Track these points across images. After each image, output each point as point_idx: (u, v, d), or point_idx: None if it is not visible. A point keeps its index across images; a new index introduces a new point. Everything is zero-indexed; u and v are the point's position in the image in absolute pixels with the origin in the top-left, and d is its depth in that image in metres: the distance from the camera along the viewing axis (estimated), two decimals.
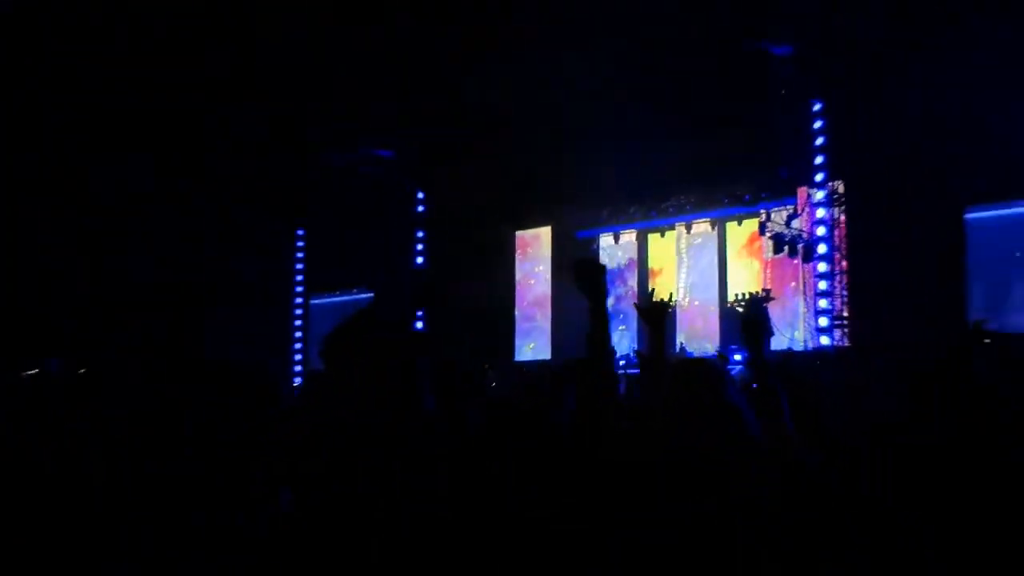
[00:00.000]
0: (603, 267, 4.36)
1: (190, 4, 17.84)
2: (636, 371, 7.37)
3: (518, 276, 25.66)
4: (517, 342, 25.39)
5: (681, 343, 22.34)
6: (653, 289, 4.87)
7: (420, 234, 25.22)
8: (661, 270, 24.01)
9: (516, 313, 25.53)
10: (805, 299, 20.83)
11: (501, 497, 3.19)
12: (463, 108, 21.09)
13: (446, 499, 3.21)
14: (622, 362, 22.57)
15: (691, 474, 3.20)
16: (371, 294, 25.67)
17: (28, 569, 3.47)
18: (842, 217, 20.17)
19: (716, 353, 18.46)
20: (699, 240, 23.45)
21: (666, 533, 3.10)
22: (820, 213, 20.12)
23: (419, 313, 22.67)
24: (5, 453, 4.39)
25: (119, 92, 19.46)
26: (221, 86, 20.02)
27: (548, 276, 25.15)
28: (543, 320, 25.14)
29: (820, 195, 20.14)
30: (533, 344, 25.09)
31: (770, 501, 3.16)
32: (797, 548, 3.16)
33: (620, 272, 24.49)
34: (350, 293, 25.79)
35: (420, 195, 25.22)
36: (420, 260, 25.14)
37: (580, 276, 4.30)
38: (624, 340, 23.49)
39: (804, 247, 20.44)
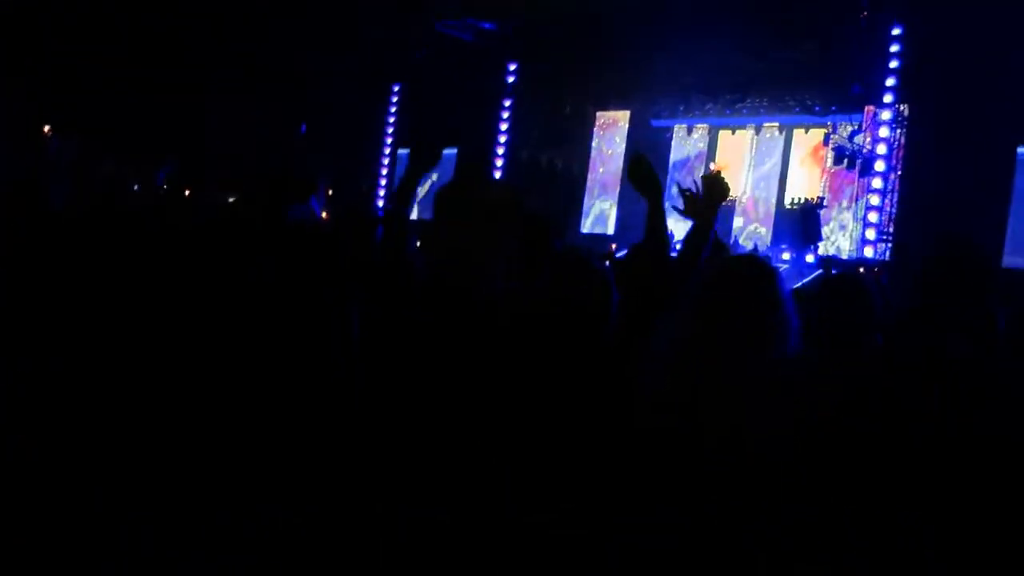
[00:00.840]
0: (649, 163, 4.50)
1: None
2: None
3: (593, 153, 27.09)
4: (584, 216, 27.08)
5: (736, 237, 23.79)
6: (719, 172, 4.28)
7: (507, 103, 26.81)
8: (727, 166, 24.73)
9: (587, 187, 27.10)
10: (856, 212, 22.26)
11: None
12: None
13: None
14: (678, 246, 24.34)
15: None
16: (455, 150, 27.56)
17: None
18: (903, 138, 21.41)
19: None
20: (766, 142, 24.71)
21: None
22: (883, 132, 21.47)
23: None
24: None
25: None
26: None
27: (622, 157, 26.52)
28: (612, 196, 26.76)
29: (886, 115, 21.45)
30: (600, 208, 26.68)
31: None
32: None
33: (688, 163, 25.65)
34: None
35: (512, 67, 26.74)
36: (505, 127, 26.86)
37: (632, 173, 4.56)
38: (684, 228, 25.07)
39: (862, 162, 21.79)
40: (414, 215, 4.75)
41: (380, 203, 28.46)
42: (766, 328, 3.03)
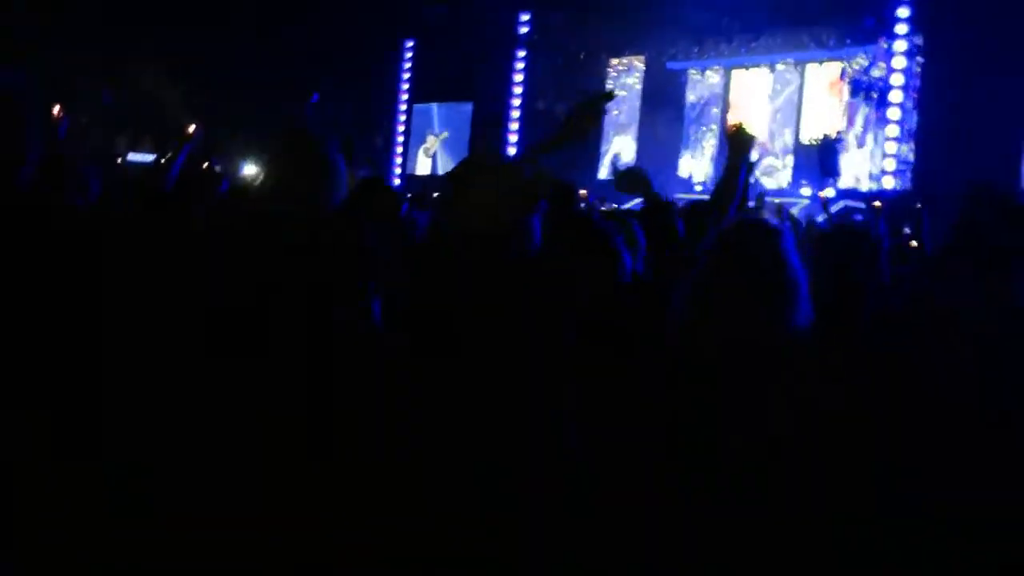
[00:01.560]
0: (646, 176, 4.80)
1: None
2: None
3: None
4: (600, 162, 27.39)
5: (756, 178, 24.14)
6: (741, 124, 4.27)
7: (521, 54, 27.22)
8: (743, 105, 25.60)
9: (603, 134, 27.36)
10: (875, 144, 22.62)
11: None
12: None
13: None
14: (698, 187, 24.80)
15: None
16: (470, 104, 27.97)
17: None
18: (919, 69, 21.74)
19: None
20: (781, 79, 25.05)
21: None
22: (898, 63, 21.80)
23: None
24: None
25: None
26: None
27: (639, 97, 27.10)
28: (628, 143, 27.28)
29: (901, 46, 21.74)
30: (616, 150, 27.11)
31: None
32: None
33: (704, 105, 26.25)
34: (450, 103, 28.30)
35: (524, 18, 27.16)
36: (519, 79, 27.26)
37: (620, 186, 4.78)
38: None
39: (879, 94, 22.13)
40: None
41: (398, 163, 29.03)
42: (770, 298, 2.81)
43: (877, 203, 12.70)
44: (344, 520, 2.72)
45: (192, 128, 6.08)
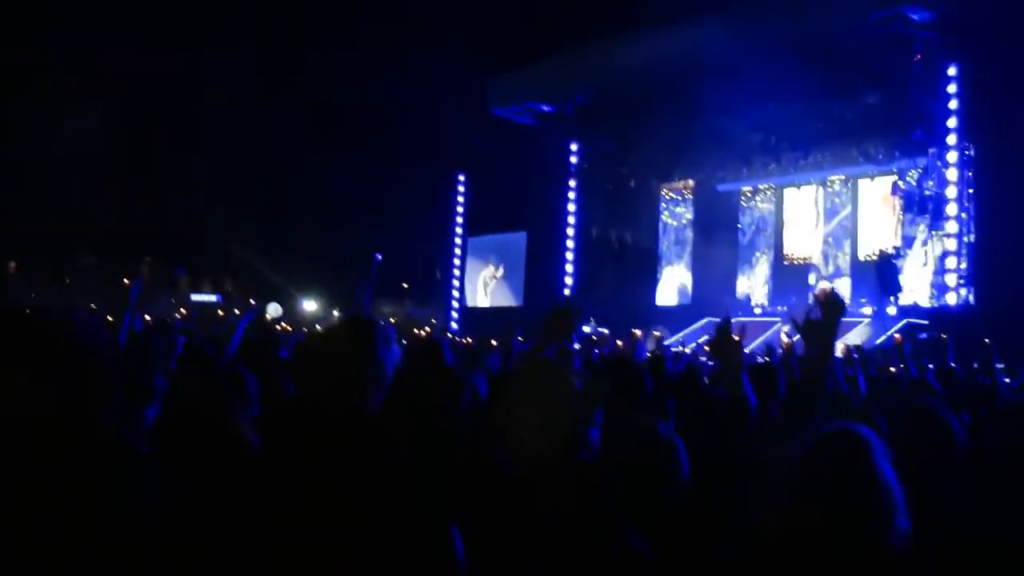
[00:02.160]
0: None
1: None
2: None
3: (661, 224, 27.93)
4: (658, 287, 27.74)
5: (814, 296, 23.78)
6: (834, 288, 3.93)
7: (573, 183, 27.72)
8: (796, 224, 25.77)
9: (659, 258, 27.84)
10: (933, 257, 22.27)
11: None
12: (619, 69, 23.57)
13: None
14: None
15: None
16: (524, 234, 28.35)
17: None
18: (972, 179, 21.46)
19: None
20: (832, 196, 25.04)
21: None
22: (951, 174, 21.47)
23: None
24: None
25: None
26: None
27: (690, 228, 27.42)
28: (681, 269, 27.48)
29: (952, 156, 21.47)
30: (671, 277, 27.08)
31: None
32: None
33: (757, 224, 26.40)
34: (506, 232, 28.84)
35: (574, 147, 27.73)
36: (572, 207, 27.68)
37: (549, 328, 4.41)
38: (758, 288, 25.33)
39: (933, 207, 21.89)
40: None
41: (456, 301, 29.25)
42: (863, 517, 2.63)
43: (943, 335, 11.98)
44: None
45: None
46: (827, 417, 2.98)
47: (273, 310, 20.15)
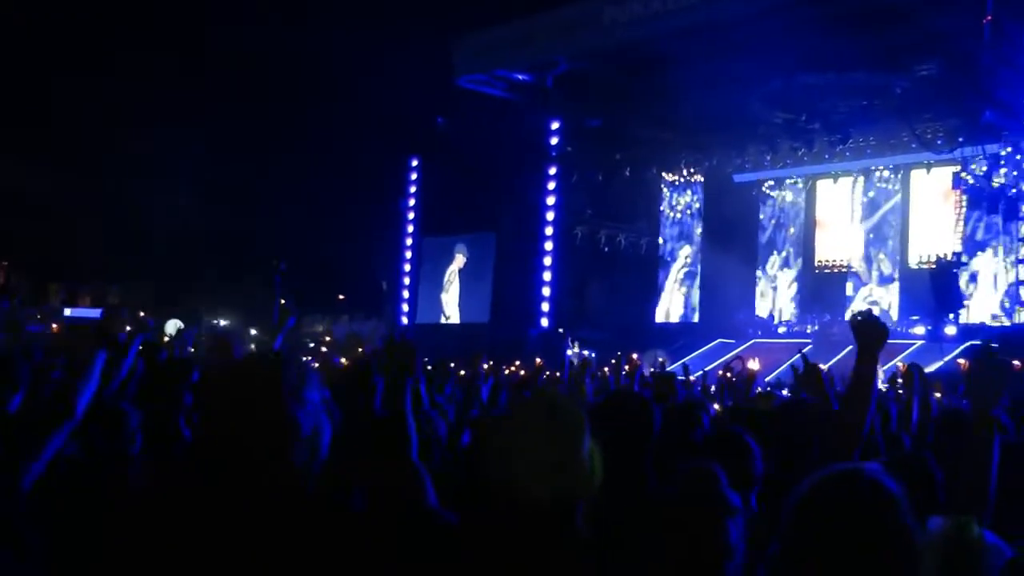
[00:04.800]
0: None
1: None
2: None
3: (664, 225, 26.43)
4: (659, 301, 26.19)
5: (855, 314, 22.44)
6: (870, 308, 4.05)
7: (552, 171, 25.42)
8: (830, 222, 24.27)
9: (660, 267, 26.28)
10: (1005, 266, 20.80)
11: None
12: (611, 29, 21.62)
13: None
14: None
15: None
16: (493, 234, 26.39)
17: None
18: None
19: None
20: (878, 189, 23.59)
21: None
22: None
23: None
24: None
25: None
26: None
27: (698, 229, 25.86)
28: (688, 277, 25.92)
29: None
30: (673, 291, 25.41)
31: None
32: None
33: (782, 225, 24.99)
34: (469, 233, 26.65)
35: (555, 126, 25.32)
36: (552, 201, 25.38)
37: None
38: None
39: (1006, 204, 20.42)
40: None
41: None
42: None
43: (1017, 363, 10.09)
44: None
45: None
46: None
47: (172, 328, 18.58)
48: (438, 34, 23.64)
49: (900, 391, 11.91)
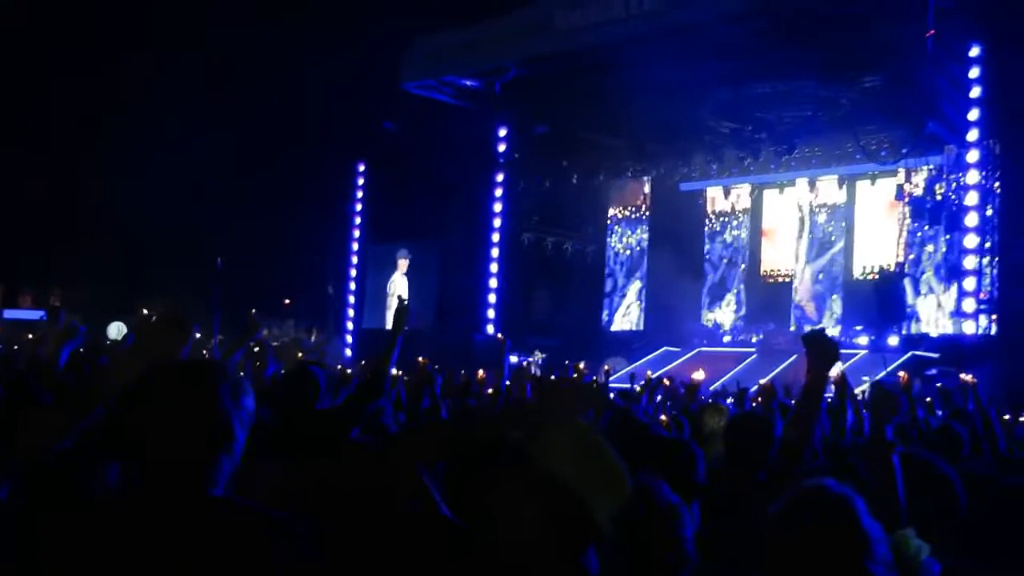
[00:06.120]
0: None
1: None
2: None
3: (611, 232, 26.58)
4: (606, 308, 26.38)
5: (796, 318, 22.96)
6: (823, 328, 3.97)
7: (500, 177, 25.55)
8: (776, 231, 24.61)
9: (607, 274, 26.50)
10: (947, 277, 21.20)
11: None
12: (561, 37, 21.82)
13: None
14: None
15: None
16: (438, 242, 26.38)
17: None
18: (996, 184, 19.92)
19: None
20: (823, 199, 23.96)
21: None
22: (971, 177, 19.82)
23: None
24: None
25: None
26: None
27: (644, 236, 25.99)
28: (636, 284, 26.07)
29: (973, 156, 19.86)
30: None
31: None
32: None
33: (727, 234, 25.31)
34: (417, 240, 26.68)
35: (503, 132, 25.47)
36: (499, 207, 25.48)
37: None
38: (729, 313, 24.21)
39: (948, 216, 20.57)
40: None
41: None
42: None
43: (968, 376, 10.49)
44: None
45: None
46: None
47: (116, 331, 18.54)
48: (386, 38, 23.50)
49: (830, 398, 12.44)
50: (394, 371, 10.76)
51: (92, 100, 22.46)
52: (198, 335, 15.18)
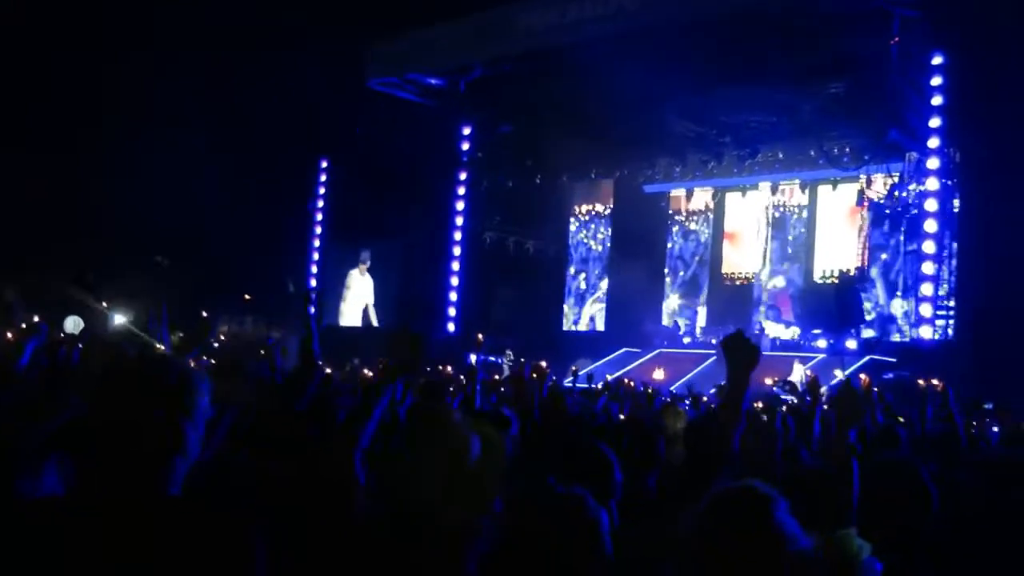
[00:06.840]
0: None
1: None
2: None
3: (573, 231, 26.74)
4: (568, 308, 26.52)
5: (760, 324, 23.05)
6: (741, 329, 3.92)
7: (463, 176, 25.65)
8: (739, 235, 24.77)
9: (569, 276, 26.61)
10: (906, 282, 21.46)
11: None
12: (527, 36, 21.93)
13: None
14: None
15: None
16: (399, 241, 26.39)
17: None
18: (956, 192, 20.24)
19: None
20: (785, 203, 24.21)
21: None
22: (932, 184, 20.06)
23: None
24: None
25: None
26: None
27: (607, 236, 26.16)
28: (599, 283, 26.20)
29: (933, 163, 20.06)
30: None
31: None
32: None
33: (690, 235, 25.49)
34: (381, 239, 26.76)
35: (466, 131, 25.54)
36: (461, 206, 25.57)
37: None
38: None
39: (908, 222, 20.90)
40: None
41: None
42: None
43: (936, 381, 10.73)
44: None
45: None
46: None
47: (72, 325, 18.38)
48: (350, 34, 23.51)
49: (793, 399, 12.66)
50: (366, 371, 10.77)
51: (53, 98, 22.37)
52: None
